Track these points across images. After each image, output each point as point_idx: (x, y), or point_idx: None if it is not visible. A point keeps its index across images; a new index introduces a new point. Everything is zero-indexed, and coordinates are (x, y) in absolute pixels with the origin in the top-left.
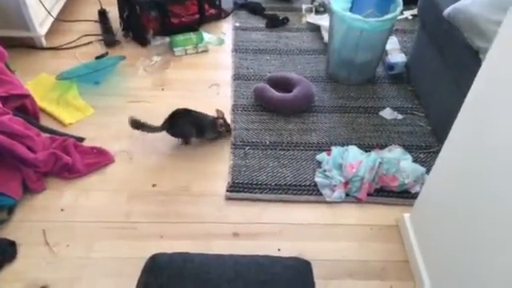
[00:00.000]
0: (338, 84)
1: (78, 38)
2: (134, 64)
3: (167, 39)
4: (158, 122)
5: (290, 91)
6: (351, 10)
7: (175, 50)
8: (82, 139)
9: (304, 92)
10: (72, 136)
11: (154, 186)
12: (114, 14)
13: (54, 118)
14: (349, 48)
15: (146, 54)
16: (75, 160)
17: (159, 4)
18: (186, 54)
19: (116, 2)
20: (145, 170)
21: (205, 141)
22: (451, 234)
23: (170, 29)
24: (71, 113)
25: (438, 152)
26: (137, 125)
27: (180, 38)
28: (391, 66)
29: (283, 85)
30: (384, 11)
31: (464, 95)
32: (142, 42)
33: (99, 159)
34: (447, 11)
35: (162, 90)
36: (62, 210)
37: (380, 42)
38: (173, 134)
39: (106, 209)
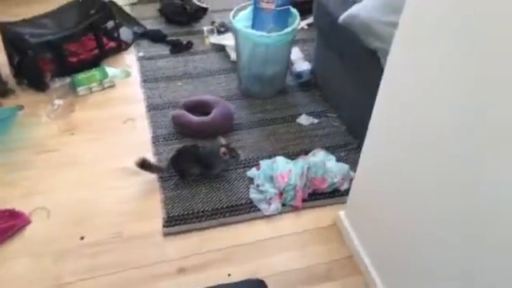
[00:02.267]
0: (253, 99)
1: None
2: (34, 112)
3: (68, 80)
4: (75, 169)
5: (209, 113)
6: (253, 27)
7: (78, 89)
8: None
9: (222, 112)
10: None
11: (82, 238)
12: (1, 60)
13: None
14: (257, 63)
15: (47, 100)
16: None
17: (53, 44)
18: (92, 92)
19: (3, 48)
20: (68, 223)
21: (212, 176)
22: (385, 221)
23: (69, 68)
24: None
25: (356, 148)
26: (143, 164)
27: (82, 76)
28: (299, 75)
29: (200, 108)
30: (283, 25)
31: (368, 91)
32: (40, 87)
33: (13, 222)
34: (342, 18)
35: (72, 134)
36: None
37: (285, 54)
38: (176, 172)
39: (32, 276)
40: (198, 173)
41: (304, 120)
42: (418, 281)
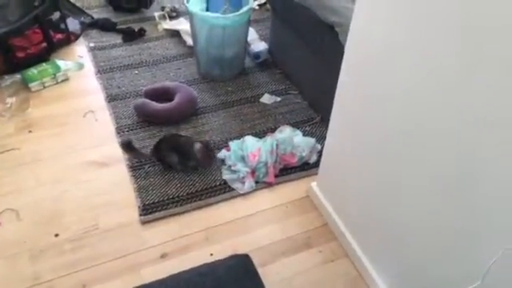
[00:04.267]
0: (214, 82)
1: None
2: None
3: (18, 76)
4: (39, 167)
5: (172, 99)
6: (207, 9)
7: (31, 85)
8: None
9: (186, 97)
10: None
11: (56, 235)
12: None
13: None
14: (215, 46)
15: None
16: None
17: None
18: (45, 87)
19: None
20: (40, 222)
21: (189, 169)
22: (354, 186)
23: (17, 64)
24: None
25: (319, 122)
26: (128, 148)
27: (33, 71)
28: (257, 55)
29: (162, 95)
30: (237, 5)
31: (328, 66)
32: None
33: None
34: None
35: (30, 132)
36: None
37: (243, 35)
38: (157, 160)
39: (9, 278)
40: (176, 161)
41: (267, 99)
42: (388, 238)
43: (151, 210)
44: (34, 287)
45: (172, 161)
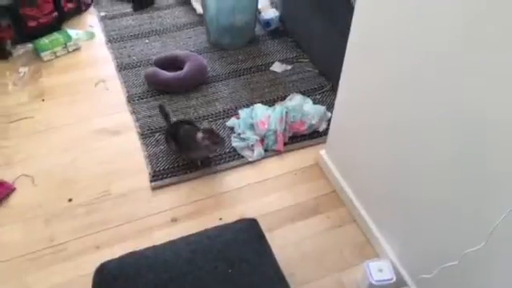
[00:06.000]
0: (224, 51)
1: None
2: (0, 81)
3: (30, 46)
4: (52, 135)
5: (182, 68)
6: None
7: (43, 55)
8: None
9: (196, 66)
10: None
11: (70, 200)
12: None
13: None
14: (226, 14)
15: (11, 67)
16: None
17: (9, 10)
18: (57, 56)
19: None
20: (54, 187)
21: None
22: (363, 154)
23: (29, 34)
24: None
25: (330, 90)
26: (163, 112)
27: (45, 41)
28: (267, 23)
29: (173, 63)
30: None
31: (340, 33)
32: (1, 55)
33: None
34: None
35: (43, 100)
36: None
37: (253, 2)
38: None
39: (26, 240)
40: (174, 149)
41: (277, 67)
42: (395, 204)
43: (161, 176)
44: (50, 249)
45: (171, 147)
